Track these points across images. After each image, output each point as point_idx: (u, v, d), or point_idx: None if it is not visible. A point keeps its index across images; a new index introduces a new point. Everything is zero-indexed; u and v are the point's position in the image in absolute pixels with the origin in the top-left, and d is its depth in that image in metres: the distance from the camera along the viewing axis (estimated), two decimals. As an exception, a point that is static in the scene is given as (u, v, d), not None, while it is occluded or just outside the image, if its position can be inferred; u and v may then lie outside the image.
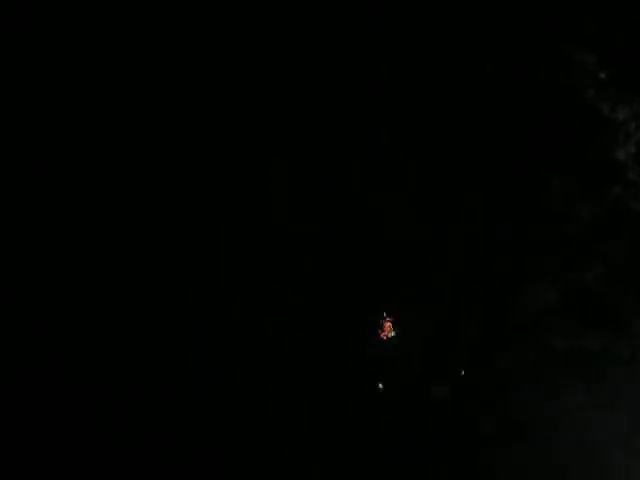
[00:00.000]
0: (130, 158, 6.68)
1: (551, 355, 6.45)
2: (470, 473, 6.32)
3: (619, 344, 6.40)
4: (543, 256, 6.61)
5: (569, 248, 6.56)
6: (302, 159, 6.78)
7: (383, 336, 6.60)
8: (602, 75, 6.66)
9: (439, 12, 6.83)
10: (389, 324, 6.59)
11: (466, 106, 6.80)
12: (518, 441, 6.32)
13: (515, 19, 6.82)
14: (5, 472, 6.05)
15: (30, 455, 6.13)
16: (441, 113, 6.81)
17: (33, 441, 6.17)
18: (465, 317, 6.64)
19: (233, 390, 6.41)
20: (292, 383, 6.44)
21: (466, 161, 6.76)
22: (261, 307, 6.57)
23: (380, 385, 6.54)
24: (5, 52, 6.59)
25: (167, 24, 6.77)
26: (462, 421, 6.43)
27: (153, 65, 6.75)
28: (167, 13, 6.77)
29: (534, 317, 6.53)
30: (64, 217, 6.57)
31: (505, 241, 6.67)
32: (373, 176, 6.78)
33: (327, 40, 6.81)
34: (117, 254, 6.59)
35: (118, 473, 6.18)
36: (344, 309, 6.66)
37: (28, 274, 6.46)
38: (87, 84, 6.69)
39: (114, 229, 6.61)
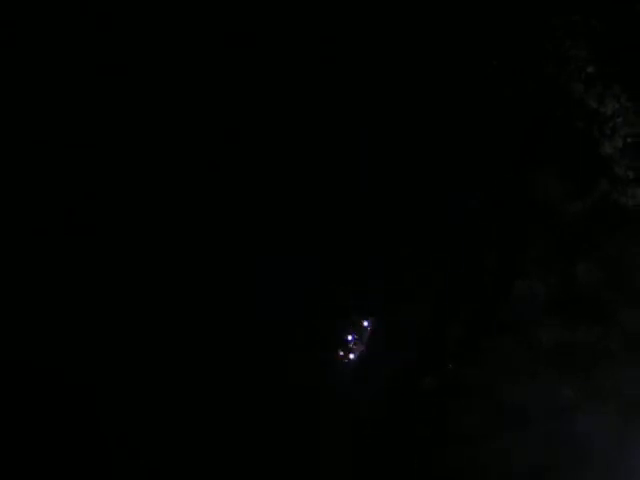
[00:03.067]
0: (130, 158, 6.86)
1: (539, 350, 6.50)
2: (455, 468, 6.41)
3: (607, 339, 6.43)
4: (530, 251, 6.67)
5: (556, 243, 6.62)
6: (301, 159, 6.90)
7: (371, 331, 6.72)
8: (590, 69, 6.66)
9: (430, 13, 6.89)
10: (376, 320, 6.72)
11: (451, 105, 6.86)
12: (505, 436, 6.39)
13: (501, 16, 6.84)
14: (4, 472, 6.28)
15: (29, 454, 6.35)
16: (428, 113, 6.88)
17: (32, 440, 6.40)
18: (453, 312, 6.74)
19: (232, 390, 6.62)
20: (285, 381, 6.61)
21: (455, 159, 6.83)
22: (261, 306, 6.74)
23: (368, 379, 6.68)
24: (5, 52, 6.77)
25: (166, 24, 6.91)
26: (448, 417, 6.53)
27: (152, 65, 6.91)
28: (166, 13, 6.92)
29: (522, 312, 6.59)
30: (63, 217, 6.78)
31: (492, 237, 6.74)
32: (370, 176, 6.88)
33: (327, 40, 6.90)
34: (117, 254, 6.79)
35: (116, 473, 6.41)
36: (332, 305, 6.80)
37: (28, 274, 6.69)
38: (88, 84, 6.87)
39: (114, 229, 6.82)
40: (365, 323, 6.79)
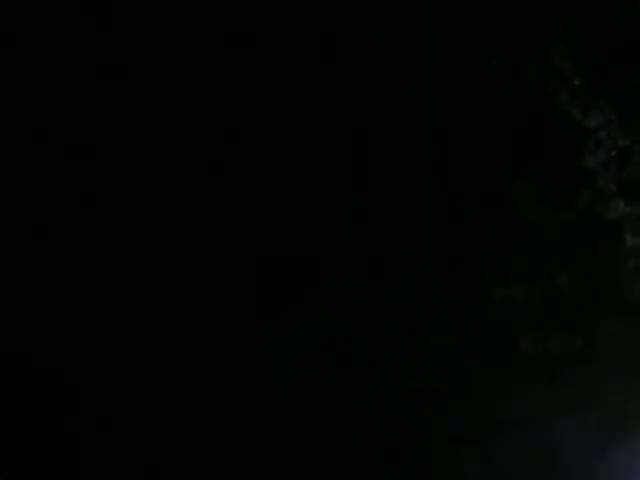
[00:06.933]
0: (129, 158, 6.91)
1: (518, 357, 6.68)
2: (435, 472, 6.56)
3: (585, 348, 6.62)
4: (511, 260, 6.84)
5: (538, 253, 6.81)
6: (301, 159, 6.99)
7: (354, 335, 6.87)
8: (576, 82, 6.81)
9: (430, 13, 6.95)
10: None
11: (451, 105, 6.97)
12: (484, 442, 6.55)
13: (490, 26, 6.95)
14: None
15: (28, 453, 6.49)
16: (427, 113, 6.99)
17: (31, 439, 6.54)
18: (434, 319, 6.85)
19: (230, 390, 6.82)
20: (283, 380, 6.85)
21: (454, 160, 6.97)
22: (261, 306, 6.91)
23: (350, 383, 6.79)
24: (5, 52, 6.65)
25: (166, 24, 6.87)
26: (428, 421, 6.69)
27: (153, 65, 6.91)
28: (166, 13, 6.85)
29: (503, 320, 6.76)
30: (63, 217, 6.83)
31: (473, 245, 6.89)
32: (370, 176, 7.01)
33: (327, 40, 6.93)
34: (117, 254, 6.89)
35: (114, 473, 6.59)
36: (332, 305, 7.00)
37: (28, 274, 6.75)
38: (88, 84, 6.85)
39: (114, 229, 6.90)
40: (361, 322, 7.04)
